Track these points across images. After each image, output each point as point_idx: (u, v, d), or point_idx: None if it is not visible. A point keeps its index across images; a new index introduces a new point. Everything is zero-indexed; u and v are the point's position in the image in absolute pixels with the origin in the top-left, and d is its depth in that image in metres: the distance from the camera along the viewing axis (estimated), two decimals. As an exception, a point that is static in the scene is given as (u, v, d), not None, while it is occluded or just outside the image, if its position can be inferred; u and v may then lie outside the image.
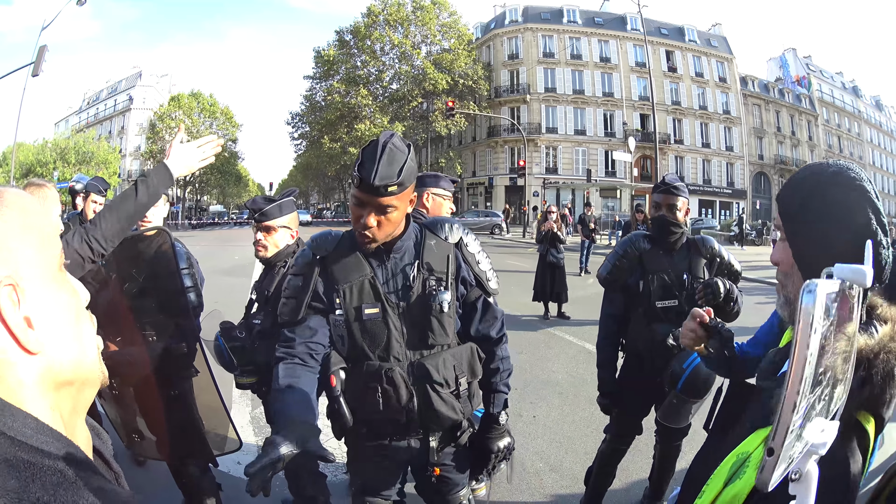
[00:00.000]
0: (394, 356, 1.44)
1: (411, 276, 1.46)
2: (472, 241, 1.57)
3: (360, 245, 1.45)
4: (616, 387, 2.45)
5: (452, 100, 27.70)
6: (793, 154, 40.61)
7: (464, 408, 1.49)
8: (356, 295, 1.44)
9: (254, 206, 2.24)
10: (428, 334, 1.46)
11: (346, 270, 1.45)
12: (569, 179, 33.79)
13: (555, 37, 35.76)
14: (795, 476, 0.53)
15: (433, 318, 1.45)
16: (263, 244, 2.24)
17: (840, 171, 0.87)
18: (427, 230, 1.53)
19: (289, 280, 1.51)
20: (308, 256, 1.50)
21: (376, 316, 1.43)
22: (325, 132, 34.18)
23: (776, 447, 0.43)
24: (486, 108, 33.97)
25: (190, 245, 2.45)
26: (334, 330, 1.47)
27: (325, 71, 35.57)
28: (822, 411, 0.53)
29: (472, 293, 1.55)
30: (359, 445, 1.56)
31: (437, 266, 1.48)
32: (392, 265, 1.47)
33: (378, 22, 33.95)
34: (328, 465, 3.03)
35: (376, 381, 1.42)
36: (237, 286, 1.89)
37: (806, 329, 0.45)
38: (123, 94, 43.95)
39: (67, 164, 33.73)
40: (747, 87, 39.45)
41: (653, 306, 2.33)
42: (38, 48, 16.57)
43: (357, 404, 1.44)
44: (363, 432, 1.50)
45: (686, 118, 36.47)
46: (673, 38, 37.10)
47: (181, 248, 2.32)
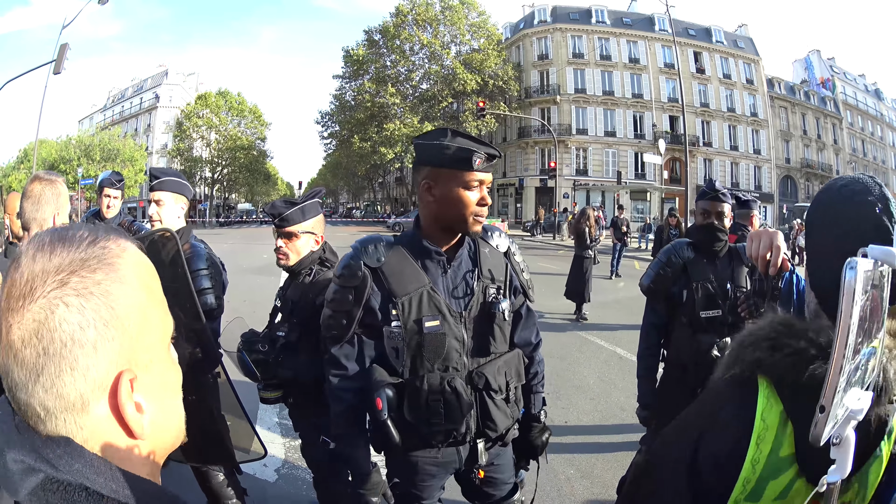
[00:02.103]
0: (453, 366, 1.41)
1: (472, 284, 1.45)
2: (517, 250, 1.61)
3: (470, 229, 1.41)
4: (656, 398, 2.42)
5: (483, 100, 27.63)
6: (818, 158, 40.37)
7: (513, 412, 1.51)
8: (415, 307, 1.39)
9: (273, 210, 2.05)
10: (490, 342, 1.45)
11: (403, 281, 1.39)
12: (599, 181, 33.67)
13: (584, 37, 35.62)
14: (836, 440, 0.58)
15: (496, 325, 1.45)
16: (284, 252, 2.04)
17: (846, 184, 0.83)
18: (479, 238, 1.50)
19: (335, 292, 1.43)
20: (358, 267, 1.41)
21: (438, 329, 1.39)
22: (354, 131, 34.19)
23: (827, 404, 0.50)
24: (516, 108, 33.88)
25: (217, 243, 2.35)
26: (388, 342, 1.40)
27: (355, 70, 35.57)
28: (858, 381, 0.59)
29: (518, 300, 1.57)
30: (404, 456, 1.48)
31: (496, 274, 1.49)
32: (453, 273, 1.45)
33: (407, 22, 33.89)
34: None
35: (439, 394, 1.39)
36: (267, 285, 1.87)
37: (849, 301, 0.51)
38: (149, 93, 44.13)
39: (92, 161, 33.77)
40: (773, 89, 39.20)
41: (697, 316, 2.29)
42: (59, 46, 16.62)
43: (416, 419, 1.40)
44: (414, 443, 1.44)
45: (714, 120, 36.27)
46: (700, 39, 36.90)
47: (201, 249, 2.20)
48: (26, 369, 0.44)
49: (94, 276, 0.46)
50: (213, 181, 42.62)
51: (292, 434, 2.72)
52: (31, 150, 27.98)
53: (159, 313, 0.52)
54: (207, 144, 41.05)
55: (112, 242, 0.49)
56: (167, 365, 0.54)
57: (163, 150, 42.39)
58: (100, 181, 3.45)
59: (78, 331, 0.44)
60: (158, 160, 41.82)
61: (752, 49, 38.92)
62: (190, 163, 40.44)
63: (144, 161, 36.97)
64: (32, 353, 0.44)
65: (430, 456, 1.46)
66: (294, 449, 3.21)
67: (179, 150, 39.77)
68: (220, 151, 41.17)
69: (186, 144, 39.61)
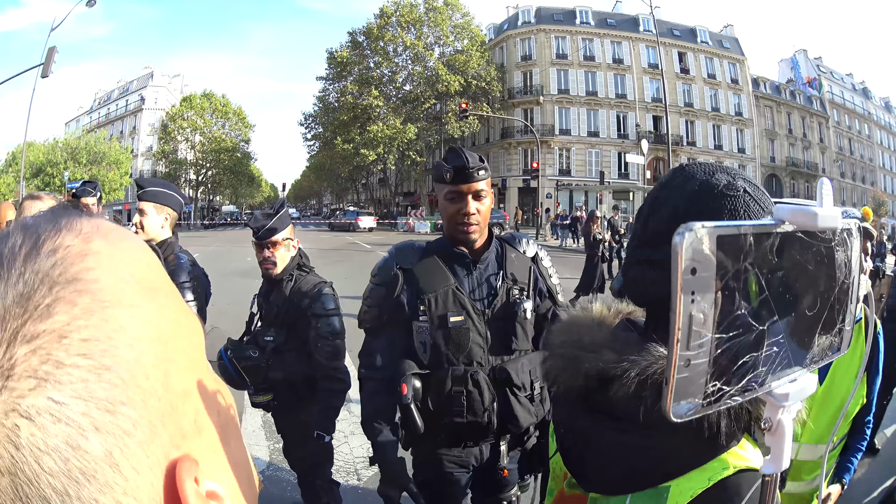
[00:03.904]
0: (477, 361, 1.51)
1: (497, 285, 1.56)
2: (546, 256, 1.70)
3: (462, 240, 1.53)
4: None
5: (466, 101, 27.67)
6: (804, 156, 40.50)
7: (537, 411, 1.57)
8: (441, 304, 1.51)
9: (257, 224, 2.14)
10: (512, 340, 1.55)
11: (431, 280, 1.53)
12: (582, 181, 33.74)
13: (567, 38, 35.70)
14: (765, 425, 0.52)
15: (517, 324, 1.55)
16: (273, 261, 2.15)
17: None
18: (507, 244, 1.63)
19: (371, 289, 1.61)
20: (392, 267, 1.57)
21: (461, 323, 1.50)
22: (337, 133, 34.13)
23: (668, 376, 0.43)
24: (499, 109, 33.91)
25: (202, 246, 2.40)
26: (417, 337, 1.53)
27: (338, 72, 35.55)
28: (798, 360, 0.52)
29: (545, 304, 1.65)
30: (429, 453, 1.59)
31: (520, 277, 1.59)
32: (478, 275, 1.57)
33: (391, 23, 33.91)
34: (340, 472, 3.05)
35: (462, 385, 1.49)
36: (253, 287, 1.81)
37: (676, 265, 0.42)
38: (135, 95, 44.06)
39: (78, 164, 33.70)
40: (759, 88, 39.34)
41: None
42: (47, 49, 16.60)
43: (440, 408, 1.50)
44: (439, 439, 1.55)
45: (698, 120, 36.39)
46: (685, 40, 37.01)
47: (185, 262, 2.24)
48: None
49: (53, 327, 0.25)
50: (198, 183, 42.52)
51: (277, 436, 2.77)
52: (18, 154, 27.99)
53: (179, 324, 0.31)
54: (192, 147, 40.95)
55: (69, 235, 0.28)
56: (216, 398, 0.33)
57: (148, 152, 42.35)
58: (73, 193, 3.45)
59: (72, 457, 0.24)
60: (143, 163, 41.84)
61: (738, 49, 39.05)
62: (175, 165, 40.34)
63: (130, 164, 36.91)
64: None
65: (453, 454, 1.56)
66: (278, 451, 3.24)
67: (164, 152, 39.70)
68: (204, 153, 41.05)
69: (171, 147, 39.53)
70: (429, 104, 33.84)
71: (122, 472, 0.25)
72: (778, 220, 0.48)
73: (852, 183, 44.26)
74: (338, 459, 3.08)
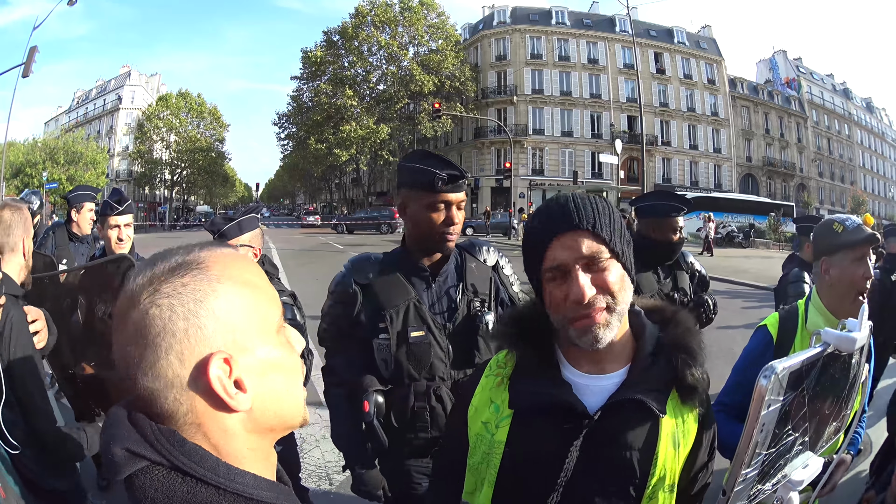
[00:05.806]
0: (439, 376, 1.49)
1: (456, 298, 1.53)
2: (507, 264, 1.66)
3: (441, 248, 1.50)
4: None
5: (439, 102, 27.66)
6: (781, 156, 40.70)
7: None
8: (401, 319, 1.48)
9: (212, 227, 2.15)
10: (474, 353, 1.51)
11: (390, 295, 1.49)
12: (555, 181, 33.78)
13: (543, 38, 35.75)
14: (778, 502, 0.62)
15: (479, 337, 1.51)
16: None
17: None
18: (466, 253, 1.60)
19: (330, 307, 1.56)
20: (349, 284, 1.52)
21: (422, 339, 1.47)
22: (311, 133, 34.14)
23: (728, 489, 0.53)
24: (472, 109, 33.97)
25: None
26: (378, 354, 1.49)
27: (313, 72, 35.52)
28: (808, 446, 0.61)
29: None
30: (397, 464, 1.57)
31: (480, 288, 1.56)
32: (437, 288, 1.53)
33: (366, 22, 33.91)
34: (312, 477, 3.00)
35: (425, 400, 1.47)
36: None
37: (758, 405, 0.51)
38: (112, 94, 43.77)
39: (56, 164, 33.50)
40: (736, 88, 39.51)
41: None
42: (28, 49, 16.49)
43: (404, 424, 1.48)
44: (404, 452, 1.53)
45: (674, 120, 36.50)
46: (662, 40, 37.12)
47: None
48: (134, 362, 0.52)
49: (182, 280, 0.53)
50: (173, 183, 42.41)
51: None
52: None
53: (259, 301, 0.56)
54: (167, 146, 40.79)
55: (205, 252, 0.56)
56: (274, 346, 0.57)
57: (124, 151, 42.10)
58: (73, 198, 3.59)
59: (168, 323, 0.51)
60: (120, 162, 41.63)
61: (715, 50, 39.19)
62: (150, 165, 40.19)
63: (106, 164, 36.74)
64: (137, 349, 0.52)
65: (421, 465, 1.53)
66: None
67: (140, 152, 39.54)
68: (179, 153, 40.89)
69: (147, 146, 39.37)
70: (402, 104, 33.84)
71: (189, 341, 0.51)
72: (824, 344, 0.57)
73: (831, 182, 44.53)
74: (309, 464, 3.06)
